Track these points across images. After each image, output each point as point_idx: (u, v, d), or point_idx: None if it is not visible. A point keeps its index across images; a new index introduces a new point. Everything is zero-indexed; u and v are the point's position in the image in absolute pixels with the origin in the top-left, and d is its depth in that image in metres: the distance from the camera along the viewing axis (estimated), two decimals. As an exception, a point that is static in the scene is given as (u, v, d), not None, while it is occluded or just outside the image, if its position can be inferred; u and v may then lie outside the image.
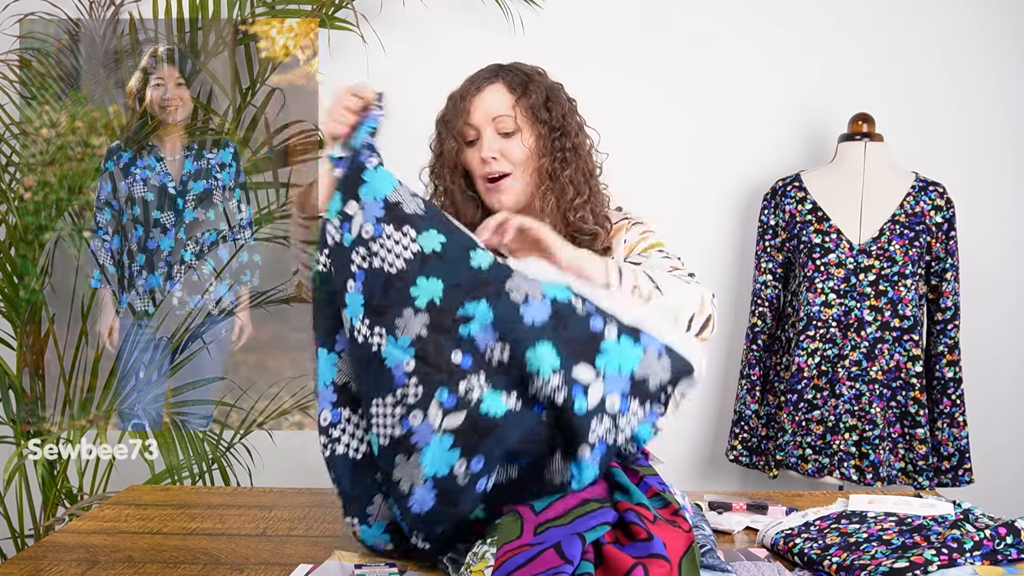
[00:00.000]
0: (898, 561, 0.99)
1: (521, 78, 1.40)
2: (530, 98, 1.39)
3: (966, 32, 2.50)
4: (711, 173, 2.54)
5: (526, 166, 1.39)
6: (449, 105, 1.42)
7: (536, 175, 1.40)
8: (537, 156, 1.39)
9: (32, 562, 1.09)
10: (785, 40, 2.52)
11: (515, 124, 1.38)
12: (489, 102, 1.38)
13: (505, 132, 1.38)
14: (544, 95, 1.41)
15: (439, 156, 1.42)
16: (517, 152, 1.38)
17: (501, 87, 1.39)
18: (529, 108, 1.39)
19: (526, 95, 1.39)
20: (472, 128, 1.38)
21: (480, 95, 1.39)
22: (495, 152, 1.37)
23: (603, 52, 2.51)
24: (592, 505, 1.00)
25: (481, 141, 1.38)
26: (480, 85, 1.39)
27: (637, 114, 2.46)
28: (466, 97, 1.39)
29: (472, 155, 1.40)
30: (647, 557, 0.91)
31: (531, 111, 1.39)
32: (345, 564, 1.05)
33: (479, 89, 1.39)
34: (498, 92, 1.39)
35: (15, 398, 2.12)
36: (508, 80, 1.40)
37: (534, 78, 1.42)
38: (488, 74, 1.41)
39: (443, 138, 1.41)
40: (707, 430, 2.59)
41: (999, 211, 2.52)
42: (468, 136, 1.39)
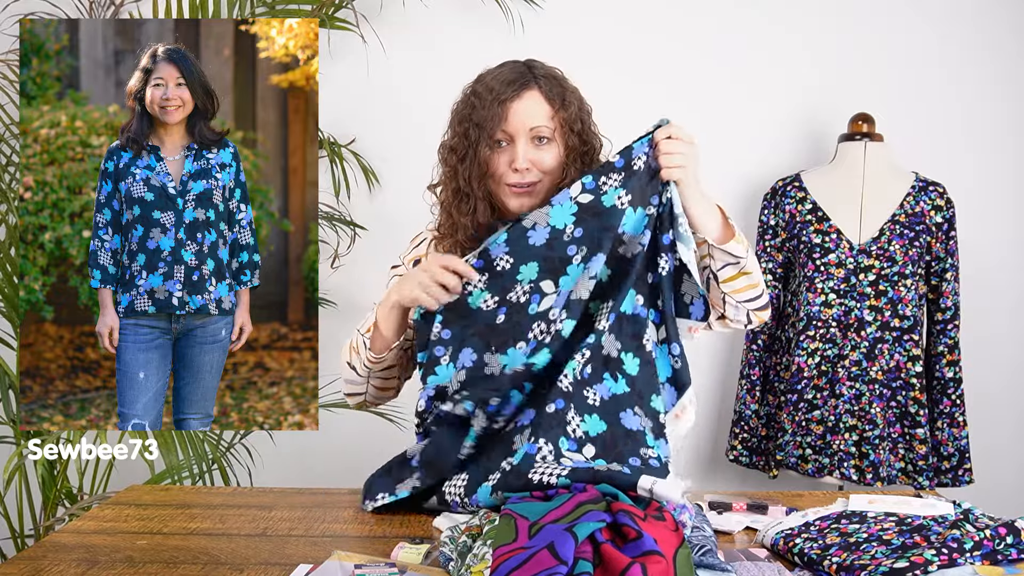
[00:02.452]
0: (898, 561, 0.99)
1: (557, 88, 1.39)
2: (568, 111, 1.38)
3: (966, 32, 2.50)
4: (711, 173, 2.50)
5: (553, 175, 1.39)
6: (476, 102, 1.39)
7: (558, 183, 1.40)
8: (564, 166, 1.39)
9: (32, 562, 1.09)
10: (785, 40, 2.52)
11: (551, 135, 1.37)
12: (529, 111, 1.36)
13: (539, 141, 1.38)
14: (577, 106, 1.40)
15: (463, 158, 1.39)
16: (549, 163, 1.38)
17: (539, 96, 1.38)
18: (566, 121, 1.38)
19: (564, 107, 1.38)
20: (506, 134, 1.37)
21: (519, 102, 1.36)
22: (528, 162, 1.37)
23: (603, 52, 2.51)
24: (586, 507, 1.00)
25: (515, 149, 1.37)
26: (518, 91, 1.37)
27: (637, 114, 2.45)
28: (504, 102, 1.36)
29: (499, 158, 1.38)
30: (643, 555, 0.91)
31: (567, 124, 1.38)
32: (345, 564, 1.05)
33: (518, 95, 1.37)
34: (537, 101, 1.37)
35: (15, 398, 2.12)
36: (545, 89, 1.38)
37: (567, 87, 1.41)
38: (522, 78, 1.38)
39: (472, 139, 1.38)
40: (707, 430, 2.59)
41: (999, 211, 2.52)
42: (499, 139, 1.38)
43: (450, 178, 1.42)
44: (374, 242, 2.45)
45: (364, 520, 1.27)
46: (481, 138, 1.37)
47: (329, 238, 2.44)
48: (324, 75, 2.34)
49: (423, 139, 1.59)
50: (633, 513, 0.98)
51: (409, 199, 1.74)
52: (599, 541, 0.94)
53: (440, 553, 1.06)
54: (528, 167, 1.36)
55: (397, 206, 2.51)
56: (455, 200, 1.41)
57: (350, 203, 2.51)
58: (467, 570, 0.96)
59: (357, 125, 2.53)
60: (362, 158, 2.51)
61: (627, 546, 0.94)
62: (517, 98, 1.37)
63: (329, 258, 2.42)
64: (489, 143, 1.37)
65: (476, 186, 1.39)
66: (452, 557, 1.03)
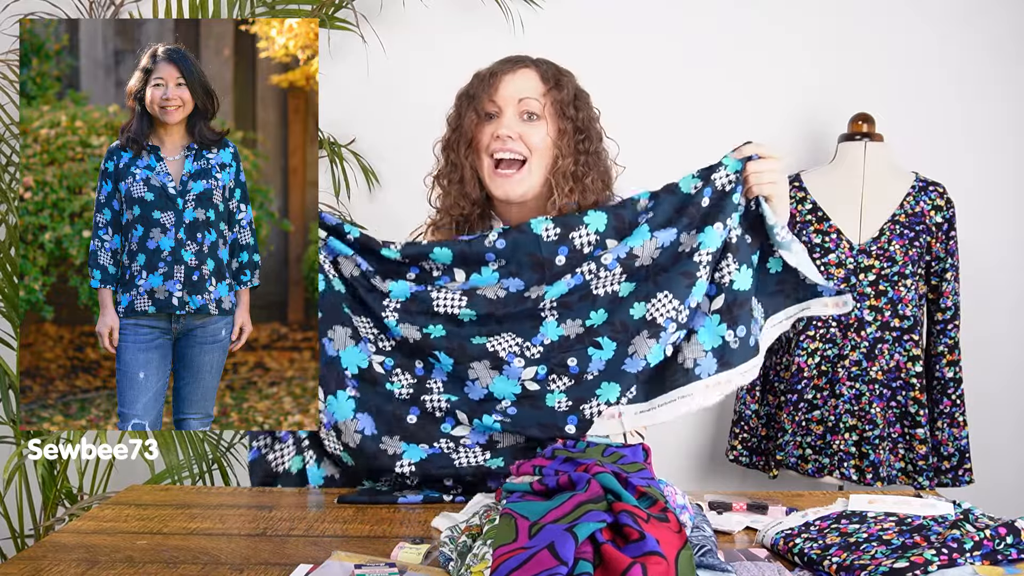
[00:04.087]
0: (898, 561, 0.99)
1: (554, 72, 1.41)
2: (561, 92, 1.39)
3: (966, 32, 2.50)
4: (711, 173, 2.53)
5: (542, 157, 1.38)
6: (475, 80, 1.41)
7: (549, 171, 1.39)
8: (555, 151, 1.39)
9: (32, 562, 1.09)
10: (785, 40, 2.52)
11: (541, 111, 1.37)
12: (519, 83, 1.38)
13: (528, 116, 1.38)
14: (573, 94, 1.41)
15: (455, 128, 1.41)
16: (536, 139, 1.38)
17: (534, 74, 1.39)
18: (558, 101, 1.38)
19: (557, 88, 1.39)
20: (495, 104, 1.38)
21: (512, 75, 1.38)
22: (513, 132, 1.37)
23: (603, 52, 2.51)
24: (586, 507, 1.00)
25: (501, 119, 1.37)
26: (514, 67, 1.39)
27: (637, 114, 2.45)
28: (496, 74, 1.38)
29: (486, 130, 1.39)
30: (643, 555, 0.91)
31: (559, 105, 1.38)
32: (345, 564, 1.05)
33: (512, 70, 1.38)
34: (530, 77, 1.39)
35: (15, 398, 2.12)
36: (542, 70, 1.40)
37: (566, 75, 1.42)
38: (520, 59, 1.41)
39: (463, 111, 1.40)
40: (707, 430, 2.59)
41: (999, 211, 2.52)
42: (488, 110, 1.38)
43: (444, 151, 1.45)
44: (374, 242, 2.45)
45: (364, 520, 1.27)
46: (473, 109, 1.38)
47: (329, 238, 2.44)
48: (324, 75, 2.34)
49: (423, 139, 1.59)
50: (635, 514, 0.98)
51: (409, 199, 1.74)
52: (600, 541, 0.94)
53: (440, 553, 1.06)
54: (511, 135, 1.37)
55: (397, 206, 2.51)
56: (447, 172, 1.43)
57: (350, 203, 2.52)
58: (467, 570, 0.96)
59: (357, 125, 2.53)
60: (362, 158, 2.51)
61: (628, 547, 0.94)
62: (510, 72, 1.39)
63: (329, 258, 2.42)
64: (478, 111, 1.38)
65: (463, 155, 1.40)
66: (452, 557, 1.03)
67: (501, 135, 1.37)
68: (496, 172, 1.39)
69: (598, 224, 1.35)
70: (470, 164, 1.41)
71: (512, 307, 1.36)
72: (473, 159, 1.41)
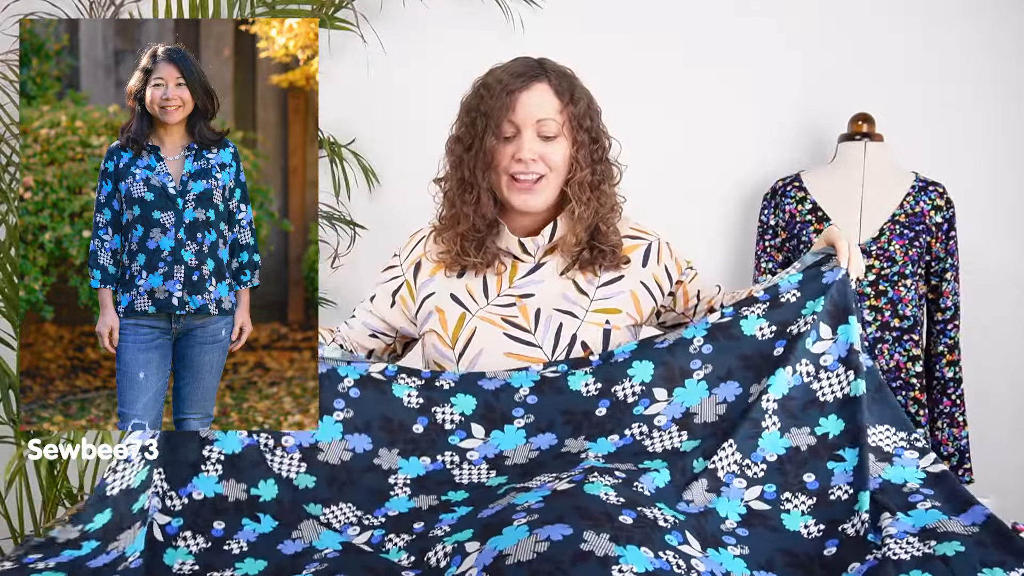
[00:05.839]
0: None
1: (567, 84, 1.37)
2: (577, 106, 1.36)
3: (966, 32, 2.50)
4: (711, 173, 2.53)
5: (560, 173, 1.38)
6: (484, 93, 1.37)
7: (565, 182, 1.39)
8: (571, 165, 1.38)
9: (32, 562, 1.09)
10: (785, 40, 2.52)
11: (558, 130, 1.36)
12: (536, 103, 1.35)
13: (546, 136, 1.37)
14: (586, 104, 1.39)
15: (469, 147, 1.38)
16: (556, 158, 1.36)
17: (548, 89, 1.36)
18: (575, 116, 1.36)
19: (573, 103, 1.36)
20: (512, 125, 1.36)
21: (527, 93, 1.35)
22: (535, 154, 1.36)
23: (603, 52, 2.51)
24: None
25: (520, 140, 1.35)
26: (527, 83, 1.36)
27: (636, 114, 2.45)
28: (512, 92, 1.35)
29: (504, 150, 1.37)
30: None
31: (576, 119, 1.37)
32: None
33: (526, 86, 1.35)
34: (545, 94, 1.36)
35: (15, 398, 2.11)
36: (555, 84, 1.36)
37: (577, 83, 1.40)
38: (532, 71, 1.37)
39: (479, 129, 1.36)
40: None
41: (999, 211, 2.52)
42: (506, 132, 1.37)
43: (455, 168, 1.41)
44: (374, 242, 2.45)
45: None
46: (488, 128, 1.35)
47: (329, 238, 2.44)
48: (324, 75, 2.34)
49: (423, 139, 1.59)
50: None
51: (409, 199, 1.74)
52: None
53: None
54: (534, 159, 1.36)
55: (397, 206, 2.51)
56: (459, 190, 1.40)
57: (350, 203, 2.51)
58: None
59: (357, 125, 2.53)
60: (362, 158, 2.51)
61: None
62: (526, 89, 1.36)
63: (329, 258, 2.42)
64: (496, 133, 1.35)
65: (480, 176, 1.37)
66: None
67: (524, 159, 1.35)
68: (515, 185, 1.38)
69: (644, 375, 1.26)
70: (486, 184, 1.39)
71: (548, 461, 1.22)
72: (491, 178, 1.40)
